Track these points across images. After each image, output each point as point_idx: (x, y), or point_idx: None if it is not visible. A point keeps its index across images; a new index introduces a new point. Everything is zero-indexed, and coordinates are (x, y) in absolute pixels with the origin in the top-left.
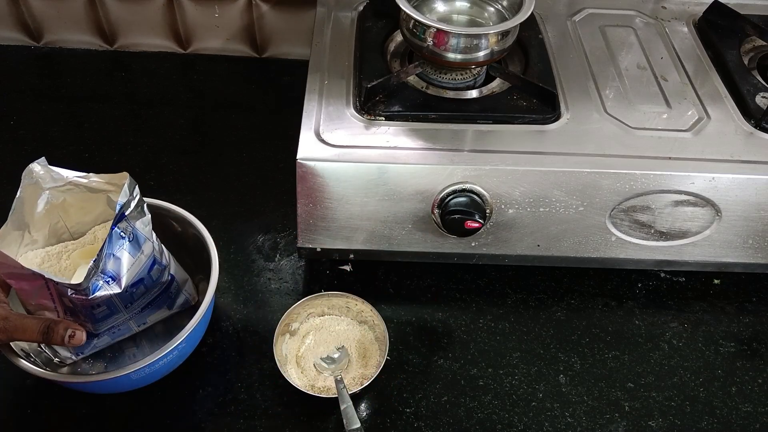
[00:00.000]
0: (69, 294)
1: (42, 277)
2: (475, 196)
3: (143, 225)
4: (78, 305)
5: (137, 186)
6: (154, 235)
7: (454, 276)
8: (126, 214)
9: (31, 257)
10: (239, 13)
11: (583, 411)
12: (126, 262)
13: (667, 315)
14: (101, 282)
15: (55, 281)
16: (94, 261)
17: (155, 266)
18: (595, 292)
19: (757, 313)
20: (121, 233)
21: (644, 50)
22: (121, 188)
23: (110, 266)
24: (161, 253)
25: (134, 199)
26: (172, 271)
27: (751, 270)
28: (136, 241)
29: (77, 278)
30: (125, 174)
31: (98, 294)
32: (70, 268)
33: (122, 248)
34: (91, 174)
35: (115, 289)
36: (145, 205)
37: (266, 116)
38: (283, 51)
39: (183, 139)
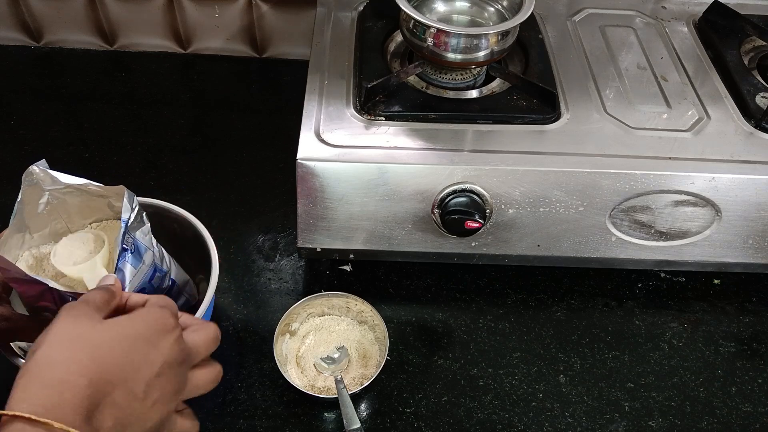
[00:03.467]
0: (71, 301)
1: (45, 283)
2: (475, 196)
3: (143, 234)
4: None
5: (135, 197)
6: (154, 241)
7: (454, 276)
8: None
9: (31, 260)
10: (239, 13)
11: (583, 411)
12: (128, 275)
13: (667, 315)
14: None
15: (58, 291)
16: None
17: (156, 274)
18: (595, 292)
19: (757, 313)
20: (123, 245)
21: (644, 50)
22: (121, 197)
23: None
24: (162, 258)
25: (134, 210)
26: (172, 276)
27: (751, 270)
28: (137, 252)
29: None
30: (122, 187)
31: None
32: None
33: (125, 260)
34: (90, 182)
35: None
36: (144, 214)
37: (266, 116)
38: (283, 51)
39: (183, 139)
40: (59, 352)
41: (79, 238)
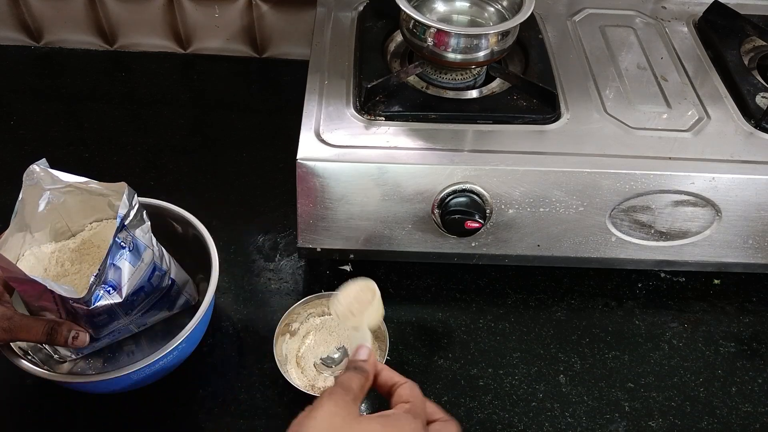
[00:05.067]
0: (71, 302)
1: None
2: (475, 196)
3: (143, 233)
4: (79, 312)
5: (136, 195)
6: (154, 240)
7: (454, 276)
8: (126, 223)
9: (32, 260)
10: (239, 13)
11: (583, 411)
12: (126, 272)
13: (667, 315)
14: (102, 292)
15: (56, 293)
16: (95, 275)
17: (155, 273)
18: (595, 292)
19: (757, 313)
20: (122, 243)
21: (644, 50)
22: (121, 195)
23: (111, 276)
24: (161, 257)
25: (133, 208)
26: (172, 275)
27: (751, 270)
28: (136, 250)
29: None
30: (123, 184)
31: (99, 304)
32: (71, 269)
33: (123, 258)
34: (90, 180)
35: (115, 299)
36: (144, 213)
37: (266, 116)
38: (283, 51)
39: (183, 139)
40: None
41: (360, 288)
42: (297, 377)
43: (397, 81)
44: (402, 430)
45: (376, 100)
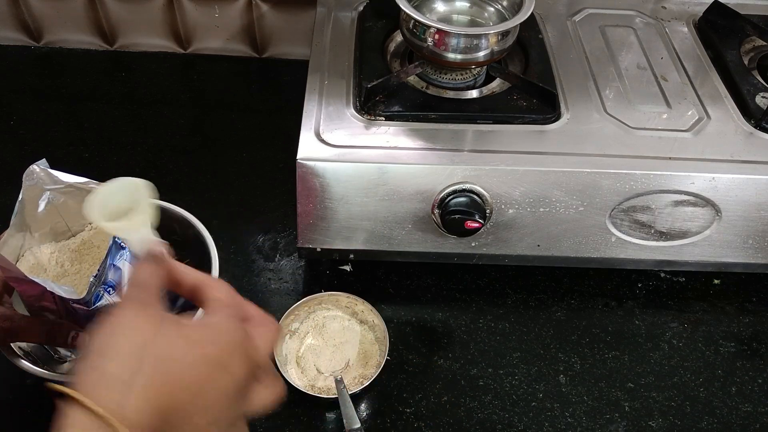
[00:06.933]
0: (71, 303)
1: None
2: (475, 196)
3: None
4: (79, 313)
5: None
6: None
7: (454, 276)
8: None
9: (32, 260)
10: (239, 13)
11: (583, 411)
12: (126, 272)
13: (667, 315)
14: (102, 292)
15: (56, 293)
16: (95, 276)
17: None
18: (595, 292)
19: (757, 313)
20: (121, 243)
21: (644, 50)
22: None
23: (111, 276)
24: None
25: None
26: None
27: (751, 270)
28: None
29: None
30: None
31: (99, 304)
32: (70, 270)
33: (122, 258)
34: (90, 180)
35: (115, 299)
36: None
37: (266, 116)
38: (283, 51)
39: (183, 139)
40: (126, 364)
41: (121, 187)
42: (297, 377)
43: (397, 81)
44: (230, 338)
45: (376, 100)
